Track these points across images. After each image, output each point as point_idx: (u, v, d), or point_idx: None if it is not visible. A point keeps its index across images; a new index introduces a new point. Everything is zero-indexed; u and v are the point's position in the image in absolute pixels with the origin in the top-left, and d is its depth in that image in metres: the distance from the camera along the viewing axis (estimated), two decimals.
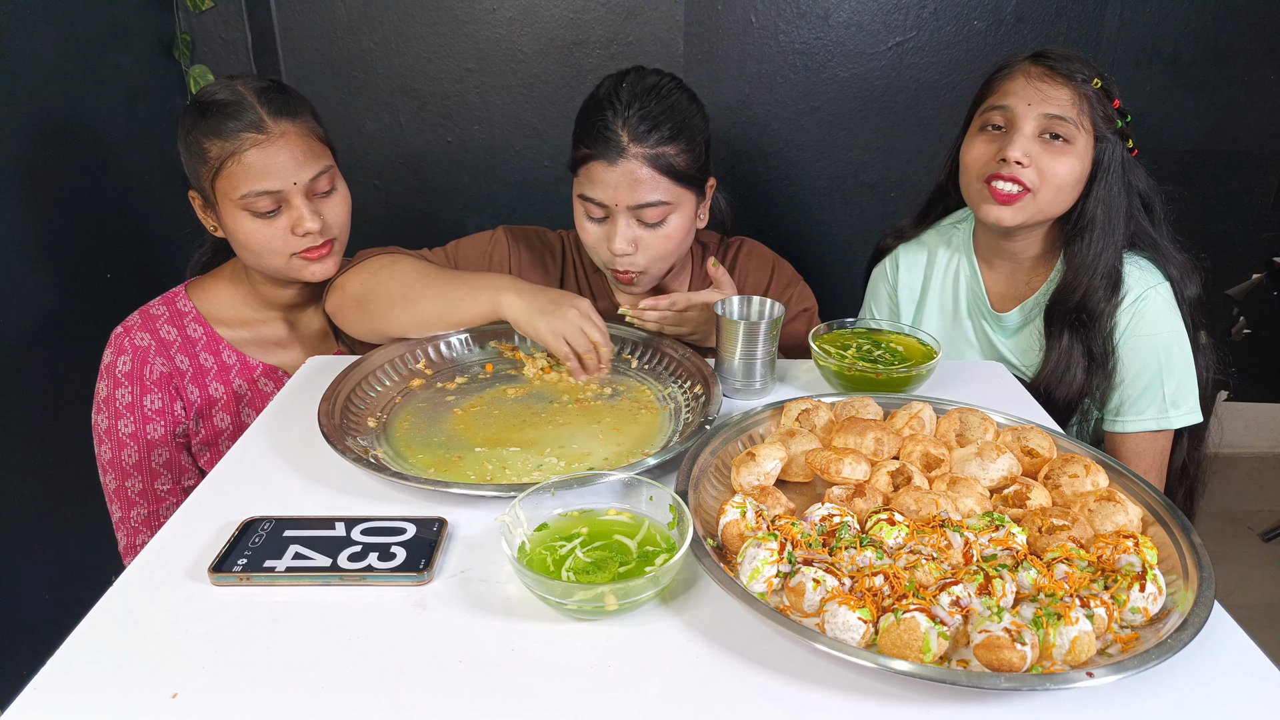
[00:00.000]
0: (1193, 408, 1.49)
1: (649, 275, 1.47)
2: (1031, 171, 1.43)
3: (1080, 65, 1.42)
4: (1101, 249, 1.45)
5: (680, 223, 1.43)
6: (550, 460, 1.11)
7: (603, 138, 1.37)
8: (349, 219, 1.50)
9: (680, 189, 1.41)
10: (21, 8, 1.61)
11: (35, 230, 1.66)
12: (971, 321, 1.64)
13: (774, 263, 1.66)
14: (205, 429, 1.51)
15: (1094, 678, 0.71)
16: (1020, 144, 1.42)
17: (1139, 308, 1.46)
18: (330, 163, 1.46)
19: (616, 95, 1.38)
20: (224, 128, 1.36)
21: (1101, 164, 1.44)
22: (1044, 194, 1.44)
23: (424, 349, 1.37)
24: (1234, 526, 2.82)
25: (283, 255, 1.42)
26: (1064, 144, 1.42)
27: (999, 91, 1.47)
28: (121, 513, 1.49)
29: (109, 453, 1.47)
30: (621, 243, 1.40)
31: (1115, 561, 0.85)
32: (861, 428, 1.07)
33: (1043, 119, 1.42)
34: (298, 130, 1.40)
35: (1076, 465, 1.01)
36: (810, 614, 0.81)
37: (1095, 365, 1.48)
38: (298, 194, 1.39)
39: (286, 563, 0.88)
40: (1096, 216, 1.45)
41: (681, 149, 1.39)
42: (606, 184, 1.38)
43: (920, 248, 1.71)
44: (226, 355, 1.51)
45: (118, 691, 0.74)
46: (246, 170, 1.36)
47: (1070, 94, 1.41)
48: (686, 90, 1.45)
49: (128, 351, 1.46)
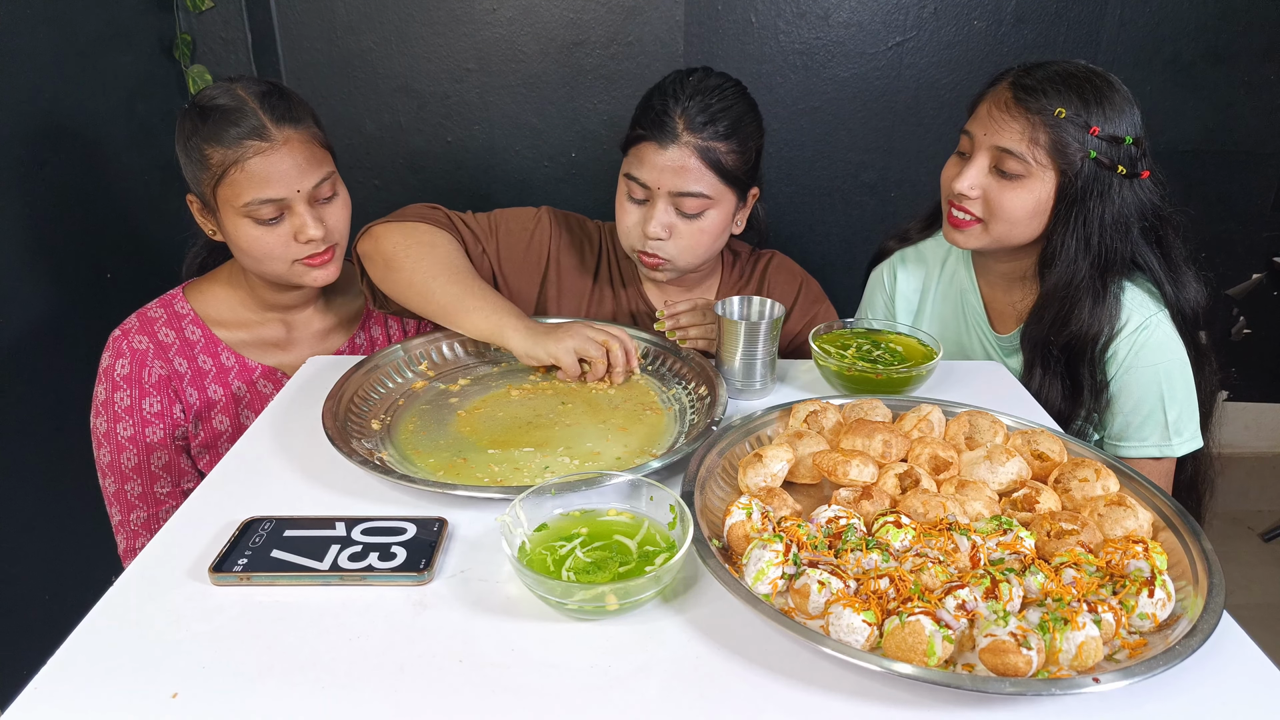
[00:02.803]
0: (1194, 434, 1.47)
1: (675, 266, 1.47)
2: (979, 204, 1.42)
3: (1055, 93, 1.35)
4: (1070, 278, 1.40)
5: (717, 219, 1.45)
6: (563, 460, 1.11)
7: (659, 121, 1.39)
8: (349, 223, 1.49)
9: (723, 186, 1.42)
10: (21, 8, 1.61)
11: (35, 230, 1.66)
12: (971, 339, 1.63)
13: (802, 279, 1.67)
14: (204, 431, 1.51)
15: (1100, 683, 0.70)
16: (969, 176, 1.41)
17: (1139, 337, 1.42)
18: (332, 168, 1.45)
19: (681, 85, 1.42)
20: (226, 134, 1.34)
21: (1069, 195, 1.37)
22: (996, 226, 1.42)
23: (426, 351, 1.37)
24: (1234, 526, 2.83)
25: (285, 261, 1.42)
26: (1014, 178, 1.38)
27: (972, 114, 1.46)
28: (121, 516, 1.49)
29: (108, 456, 1.46)
30: (657, 226, 1.42)
31: (1124, 566, 0.84)
32: (870, 430, 1.06)
33: (994, 152, 1.39)
34: (300, 136, 1.39)
35: (1087, 469, 1.01)
36: (815, 616, 0.80)
37: (1084, 393, 1.45)
38: (301, 201, 1.39)
39: (287, 563, 0.88)
40: (1060, 247, 1.40)
41: (732, 148, 1.41)
42: (654, 166, 1.40)
43: (919, 260, 1.70)
44: (225, 357, 1.51)
45: (118, 691, 0.74)
46: (250, 178, 1.35)
47: (1022, 126, 1.36)
48: (749, 99, 1.47)
49: (125, 354, 1.45)
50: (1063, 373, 1.46)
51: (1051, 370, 1.46)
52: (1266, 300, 2.58)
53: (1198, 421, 1.47)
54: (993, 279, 1.59)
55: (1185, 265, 1.45)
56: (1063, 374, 1.46)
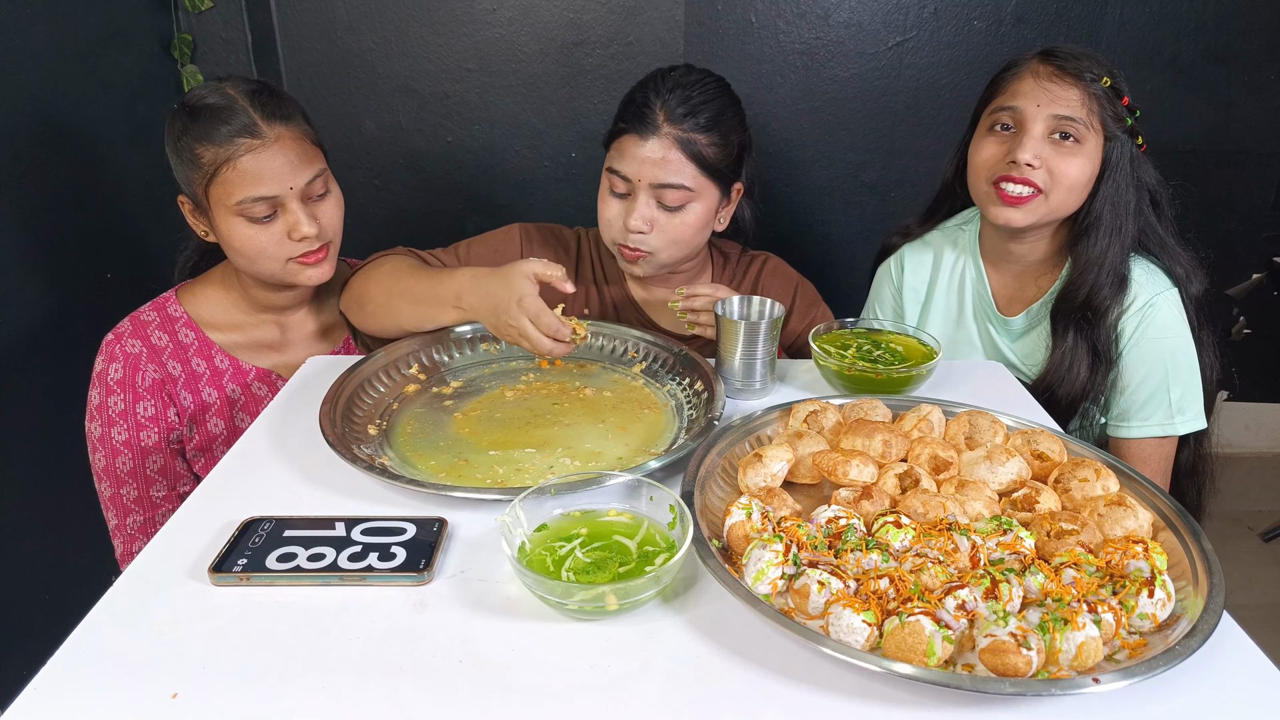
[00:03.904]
0: (1198, 413, 1.48)
1: (657, 260, 1.47)
2: (1042, 173, 1.42)
3: (1090, 64, 1.41)
4: (1108, 246, 1.45)
5: (699, 213, 1.44)
6: (564, 460, 1.11)
7: (639, 114, 1.40)
8: (342, 221, 1.49)
9: (705, 179, 1.42)
10: (21, 8, 1.61)
11: (33, 231, 1.66)
12: (977, 324, 1.64)
13: (798, 283, 1.67)
14: (199, 435, 1.50)
15: (1100, 684, 0.70)
16: (1031, 146, 1.41)
17: (1146, 313, 1.45)
18: (324, 165, 1.44)
19: (662, 80, 1.43)
20: (216, 132, 1.33)
21: (1110, 162, 1.43)
22: (1055, 195, 1.43)
23: (415, 356, 1.36)
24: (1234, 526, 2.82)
25: (279, 260, 1.41)
26: (1074, 144, 1.41)
27: (1007, 91, 1.46)
28: (117, 520, 1.48)
29: (103, 460, 1.46)
30: (638, 219, 1.42)
31: (1124, 567, 0.84)
32: (870, 430, 1.06)
33: (1052, 120, 1.41)
34: (292, 134, 1.38)
35: (1087, 469, 1.01)
36: (815, 616, 0.80)
37: (1099, 363, 1.47)
38: (294, 198, 1.38)
39: (286, 563, 0.88)
40: (1104, 214, 1.45)
41: (713, 140, 1.41)
42: (634, 158, 1.40)
43: (925, 249, 1.70)
44: (219, 360, 1.50)
45: (118, 691, 0.74)
46: (242, 176, 1.34)
47: (1079, 94, 1.40)
48: (731, 94, 1.48)
49: (119, 359, 1.45)
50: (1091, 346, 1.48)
51: (1085, 343, 1.47)
52: (1266, 300, 2.58)
53: (1201, 402, 1.49)
54: (1002, 264, 1.60)
55: (1180, 245, 1.51)
56: (1091, 348, 1.48)
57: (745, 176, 1.53)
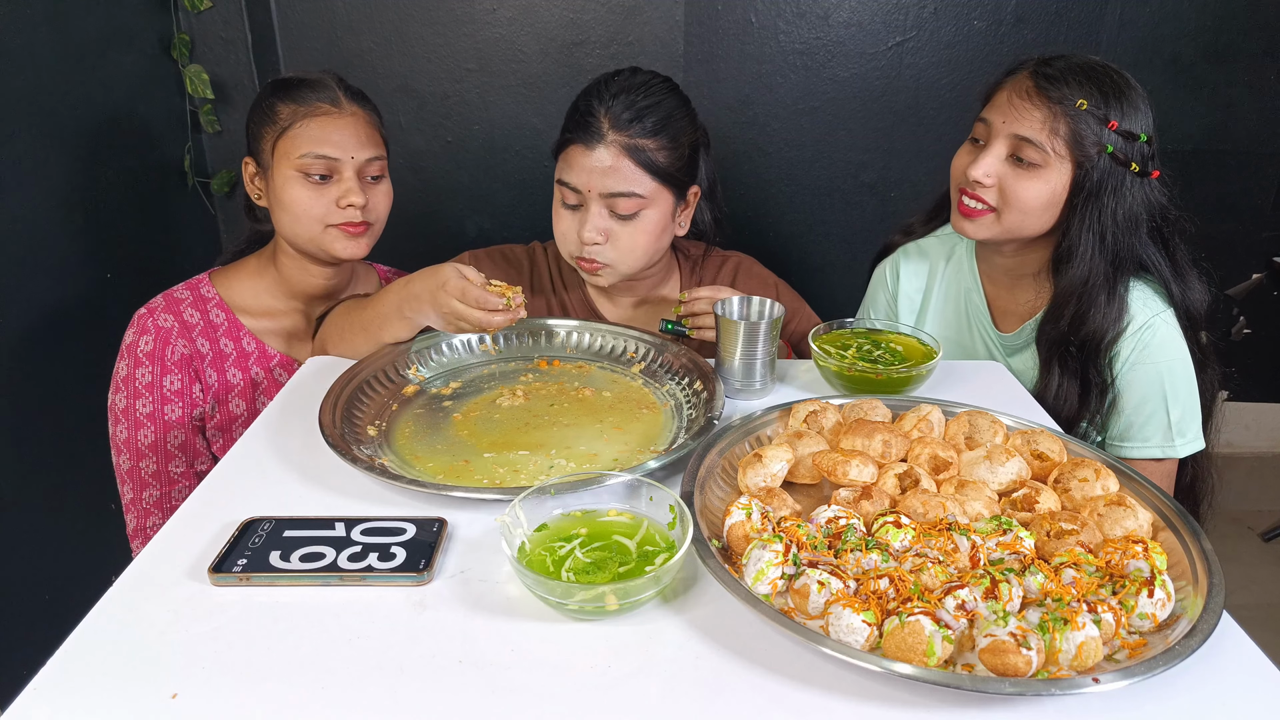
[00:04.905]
0: (1196, 434, 1.46)
1: (616, 270, 1.45)
2: (994, 192, 1.41)
3: (1076, 85, 1.35)
4: (1087, 275, 1.40)
5: (655, 219, 1.42)
6: (560, 462, 1.11)
7: (584, 123, 1.39)
8: (387, 215, 1.56)
9: (656, 185, 1.40)
10: (21, 8, 1.61)
11: (35, 230, 1.66)
12: (973, 338, 1.62)
13: (775, 284, 1.66)
14: (221, 414, 1.53)
15: (1100, 684, 0.70)
16: (984, 163, 1.40)
17: (1143, 335, 1.41)
18: (384, 155, 1.53)
19: (606, 86, 1.41)
20: (302, 95, 1.46)
21: (1084, 189, 1.37)
22: (1008, 215, 1.41)
23: (415, 357, 1.35)
24: (1234, 526, 2.83)
25: (320, 224, 1.47)
26: (1030, 167, 1.38)
27: (989, 101, 1.45)
28: (133, 494, 1.50)
29: (125, 432, 1.48)
30: (591, 231, 1.40)
31: (1124, 567, 0.84)
32: (869, 430, 1.06)
33: (1012, 140, 1.38)
34: (367, 117, 1.51)
35: (1087, 469, 1.01)
36: (814, 616, 0.80)
37: (1091, 393, 1.44)
38: (350, 169, 1.47)
39: (286, 563, 0.88)
40: (1078, 242, 1.39)
41: (662, 145, 1.39)
42: (582, 168, 1.38)
43: (922, 258, 1.69)
44: (246, 342, 1.54)
45: (118, 691, 0.74)
46: (311, 133, 1.44)
47: (1044, 115, 1.35)
48: (679, 94, 1.45)
49: (150, 331, 1.48)
50: (1078, 373, 1.45)
51: (1069, 370, 1.44)
52: (1266, 300, 2.57)
53: (1200, 423, 1.47)
54: (997, 277, 1.59)
55: (1189, 267, 1.46)
56: (1079, 374, 1.45)
57: (703, 177, 1.50)
